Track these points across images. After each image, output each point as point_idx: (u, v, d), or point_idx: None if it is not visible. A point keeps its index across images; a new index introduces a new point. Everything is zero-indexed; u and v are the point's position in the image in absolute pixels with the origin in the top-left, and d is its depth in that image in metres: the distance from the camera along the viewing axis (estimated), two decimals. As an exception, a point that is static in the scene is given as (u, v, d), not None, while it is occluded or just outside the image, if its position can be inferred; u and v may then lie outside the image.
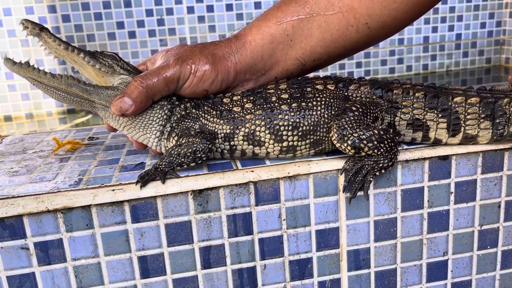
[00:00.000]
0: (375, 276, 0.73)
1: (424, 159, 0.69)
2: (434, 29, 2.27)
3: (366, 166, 0.65)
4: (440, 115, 0.70)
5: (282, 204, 0.67)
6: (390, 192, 0.69)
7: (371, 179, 0.66)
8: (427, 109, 0.70)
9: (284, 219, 0.68)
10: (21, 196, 0.62)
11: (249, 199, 0.66)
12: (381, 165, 0.65)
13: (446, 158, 0.69)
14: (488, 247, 0.75)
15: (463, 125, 0.69)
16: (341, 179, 0.67)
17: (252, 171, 0.66)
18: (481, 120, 0.69)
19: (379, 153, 0.65)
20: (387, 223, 0.71)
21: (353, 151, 0.65)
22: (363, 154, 0.65)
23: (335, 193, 0.68)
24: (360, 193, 0.68)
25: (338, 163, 0.67)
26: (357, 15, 0.72)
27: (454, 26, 2.29)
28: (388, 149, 0.65)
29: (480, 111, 0.69)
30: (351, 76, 0.76)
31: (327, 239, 0.70)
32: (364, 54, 2.23)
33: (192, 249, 0.66)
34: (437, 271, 0.74)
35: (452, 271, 0.75)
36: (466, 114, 0.69)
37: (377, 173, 0.66)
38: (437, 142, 0.71)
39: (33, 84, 0.69)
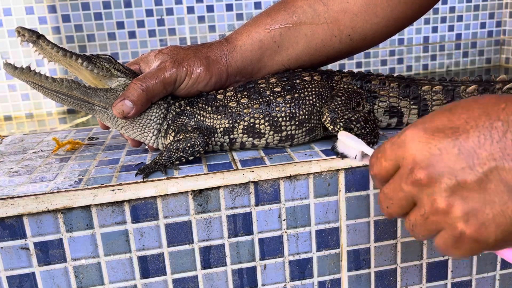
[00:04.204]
0: (375, 276, 0.73)
1: (424, 159, 0.69)
2: (434, 29, 2.27)
3: None
4: (412, 102, 0.79)
5: (282, 204, 0.67)
6: (390, 192, 0.69)
7: None
8: (401, 97, 0.79)
9: (284, 219, 0.68)
10: (21, 196, 0.62)
11: (249, 199, 0.66)
12: (369, 140, 0.72)
13: (446, 158, 0.69)
14: (488, 247, 0.75)
15: (430, 110, 0.78)
16: (341, 179, 0.68)
17: (252, 171, 0.66)
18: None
19: (365, 132, 0.72)
20: (387, 223, 0.71)
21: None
22: (352, 134, 0.70)
23: (335, 193, 0.68)
24: (361, 192, 0.68)
25: (338, 163, 0.67)
26: (341, 27, 0.76)
27: (454, 26, 2.29)
28: (373, 128, 0.72)
29: (443, 98, 0.78)
30: (330, 69, 0.82)
31: (327, 239, 0.70)
32: (364, 54, 2.23)
33: (192, 249, 0.66)
34: (437, 271, 0.74)
35: (452, 271, 0.75)
36: (432, 100, 0.78)
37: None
38: None
39: (33, 87, 0.70)
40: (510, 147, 0.38)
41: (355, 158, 0.63)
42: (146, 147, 0.80)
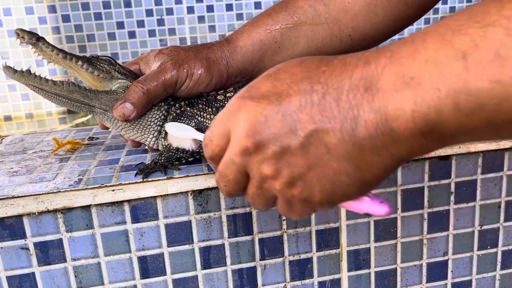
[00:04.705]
0: (375, 276, 0.73)
1: (424, 159, 0.69)
2: (434, 29, 2.27)
3: None
4: None
5: (282, 204, 0.67)
6: (390, 192, 0.69)
7: None
8: None
9: (284, 219, 0.68)
10: (21, 196, 0.62)
11: (249, 199, 0.66)
12: None
13: (446, 158, 0.69)
14: (488, 247, 0.75)
15: None
16: (341, 179, 0.67)
17: (252, 171, 0.65)
18: None
19: None
20: (387, 223, 0.71)
21: None
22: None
23: (335, 193, 0.68)
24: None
25: (338, 163, 0.67)
26: (341, 26, 0.76)
27: (454, 26, 2.28)
28: None
29: None
30: None
31: (327, 239, 0.70)
32: (364, 54, 2.23)
33: (192, 249, 0.66)
34: (437, 271, 0.74)
35: (452, 271, 0.75)
36: None
37: None
38: None
39: (33, 90, 0.69)
40: (328, 109, 0.38)
41: (191, 148, 0.59)
42: (146, 147, 0.80)
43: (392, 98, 0.35)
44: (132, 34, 2.00)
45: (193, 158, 0.69)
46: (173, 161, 0.68)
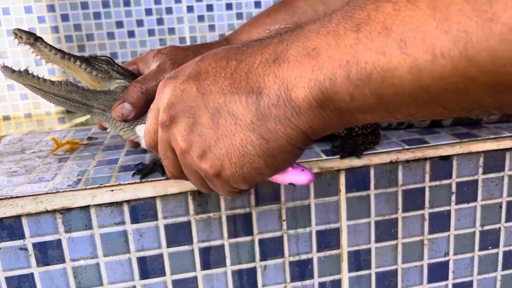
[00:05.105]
0: (376, 277, 0.73)
1: (425, 159, 0.68)
2: (434, 29, 2.27)
3: (357, 142, 0.71)
4: None
5: (282, 204, 0.67)
6: (391, 193, 0.69)
7: (362, 151, 0.70)
8: None
9: (284, 220, 0.67)
10: (20, 197, 0.62)
11: (249, 199, 0.65)
12: (370, 140, 0.71)
13: (447, 158, 0.69)
14: (490, 247, 0.74)
15: None
16: (342, 179, 0.67)
17: (252, 171, 0.65)
18: None
19: (366, 132, 0.71)
20: (387, 224, 0.70)
21: (346, 131, 0.71)
22: (353, 134, 0.71)
23: (335, 193, 0.68)
24: (361, 193, 0.68)
25: (338, 163, 0.67)
26: None
27: (454, 25, 2.28)
28: (374, 128, 0.72)
29: None
30: None
31: (328, 239, 0.69)
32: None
33: (191, 250, 0.66)
34: (438, 271, 0.74)
35: (453, 271, 0.75)
36: None
37: (367, 147, 0.71)
38: (410, 126, 0.80)
39: (31, 90, 0.68)
40: (238, 81, 0.40)
41: None
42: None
43: (294, 67, 0.37)
44: (131, 34, 2.00)
45: None
46: None
